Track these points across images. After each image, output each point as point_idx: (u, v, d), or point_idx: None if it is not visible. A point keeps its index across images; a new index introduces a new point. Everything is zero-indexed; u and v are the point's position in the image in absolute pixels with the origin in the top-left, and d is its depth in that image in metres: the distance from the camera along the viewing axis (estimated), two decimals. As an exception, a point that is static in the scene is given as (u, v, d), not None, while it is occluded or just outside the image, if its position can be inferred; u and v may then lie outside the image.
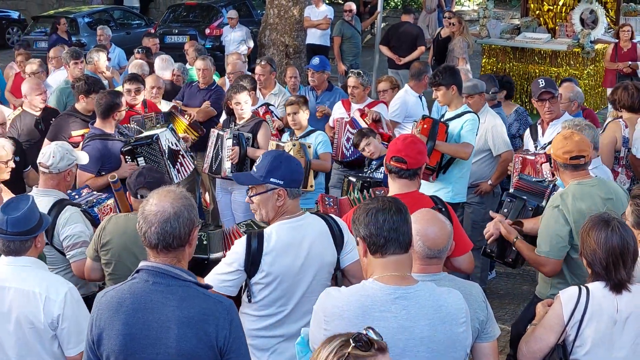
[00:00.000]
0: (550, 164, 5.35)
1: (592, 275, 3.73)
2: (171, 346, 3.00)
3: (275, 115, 7.90)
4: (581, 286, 3.72)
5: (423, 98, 8.24)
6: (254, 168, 3.98)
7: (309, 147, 6.97)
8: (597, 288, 3.67)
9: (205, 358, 3.03)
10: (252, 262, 3.81)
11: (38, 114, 7.62)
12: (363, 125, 7.54)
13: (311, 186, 6.86)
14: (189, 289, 3.07)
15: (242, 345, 3.12)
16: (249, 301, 3.89)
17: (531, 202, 5.10)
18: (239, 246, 3.87)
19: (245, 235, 3.92)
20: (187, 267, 3.20)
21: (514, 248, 4.89)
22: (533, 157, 5.85)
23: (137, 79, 7.87)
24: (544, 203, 5.04)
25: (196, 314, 3.02)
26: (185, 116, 7.99)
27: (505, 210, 5.14)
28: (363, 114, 7.67)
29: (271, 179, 3.87)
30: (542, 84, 6.51)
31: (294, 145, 6.85)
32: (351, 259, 3.96)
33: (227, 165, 7.02)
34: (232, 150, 6.98)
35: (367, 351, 2.38)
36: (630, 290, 3.66)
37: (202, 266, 4.20)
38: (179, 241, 3.07)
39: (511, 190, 5.32)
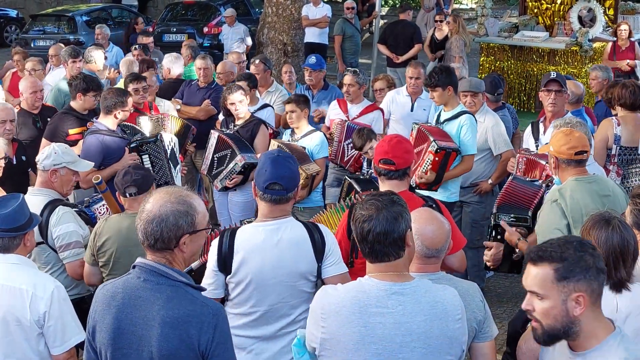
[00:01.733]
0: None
1: None
2: (153, 345, 2.99)
3: (267, 125, 7.66)
4: None
5: (419, 101, 8.15)
6: None
7: (317, 174, 6.94)
8: None
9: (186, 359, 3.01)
10: (225, 260, 3.84)
11: (36, 112, 7.62)
12: None
13: None
14: (178, 289, 3.04)
15: (226, 350, 3.06)
16: (228, 298, 3.93)
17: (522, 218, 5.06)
18: (213, 247, 3.91)
19: (219, 235, 3.95)
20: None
21: (517, 250, 4.85)
22: (544, 163, 5.74)
23: (141, 77, 7.87)
24: (529, 213, 5.02)
25: (180, 315, 2.99)
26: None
27: (499, 237, 5.05)
28: None
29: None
30: (553, 75, 6.55)
31: (306, 178, 6.73)
32: (332, 272, 3.91)
33: (222, 183, 7.07)
34: (234, 178, 6.99)
35: None
36: (630, 289, 3.66)
37: (194, 278, 4.24)
38: (162, 244, 3.04)
39: (494, 211, 5.20)
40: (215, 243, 3.91)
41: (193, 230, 3.08)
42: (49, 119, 7.41)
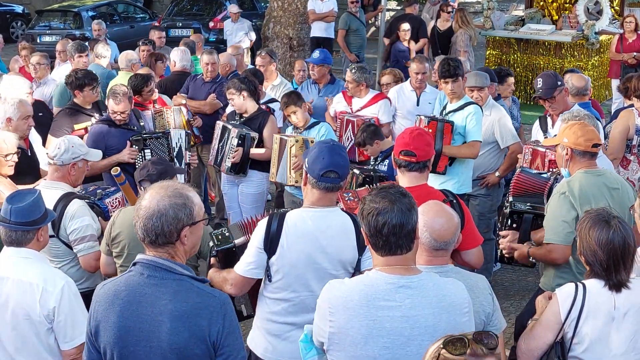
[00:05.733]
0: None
1: (590, 273, 3.71)
2: (163, 340, 2.99)
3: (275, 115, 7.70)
4: (577, 283, 3.70)
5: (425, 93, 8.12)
6: None
7: (312, 142, 6.92)
8: (594, 285, 3.66)
9: (197, 352, 3.01)
10: (271, 241, 3.86)
11: None
12: None
13: (296, 181, 6.81)
14: (183, 282, 3.05)
15: (236, 340, 3.08)
16: (269, 281, 3.93)
17: (539, 207, 4.98)
18: (260, 226, 3.93)
19: (268, 216, 3.97)
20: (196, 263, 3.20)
21: (531, 259, 4.85)
22: (544, 150, 5.77)
23: (148, 77, 7.86)
24: (544, 199, 5.00)
25: (189, 308, 3.00)
26: (194, 119, 8.11)
27: (515, 225, 5.02)
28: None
29: (305, 159, 3.99)
30: (539, 84, 6.50)
31: (296, 142, 6.79)
32: (371, 265, 3.94)
33: (227, 163, 7.08)
34: (236, 151, 6.99)
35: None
36: (629, 287, 3.65)
37: (232, 255, 4.22)
38: (164, 238, 3.04)
39: (510, 199, 5.12)
40: (263, 222, 3.93)
41: (192, 222, 3.09)
42: (40, 114, 7.42)
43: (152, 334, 3.01)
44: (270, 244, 3.86)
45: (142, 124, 6.81)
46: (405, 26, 12.48)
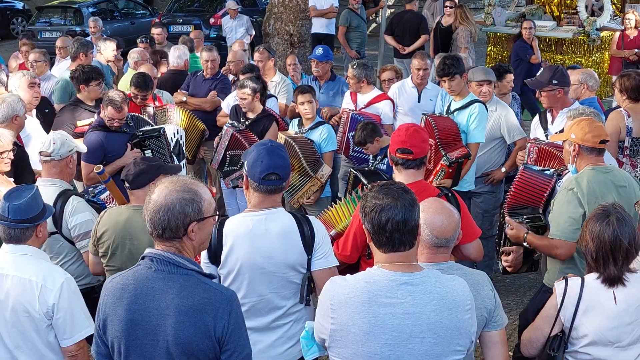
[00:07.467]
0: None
1: (586, 265, 3.74)
2: (169, 334, 3.00)
3: (277, 122, 7.59)
4: (577, 278, 3.72)
5: (425, 90, 8.10)
6: None
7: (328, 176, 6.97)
8: (593, 280, 3.67)
9: (203, 347, 3.02)
10: (215, 251, 3.87)
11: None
12: None
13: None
14: (190, 277, 3.06)
15: (241, 335, 3.09)
16: None
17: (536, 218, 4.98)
18: None
19: None
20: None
21: (525, 244, 4.83)
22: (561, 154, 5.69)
23: (142, 86, 7.79)
24: (540, 210, 4.99)
25: (195, 303, 3.01)
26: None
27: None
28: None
29: (245, 161, 3.94)
30: (538, 73, 6.50)
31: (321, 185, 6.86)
32: (320, 265, 3.92)
33: (234, 182, 7.13)
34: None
35: None
36: (625, 284, 3.64)
37: None
38: (171, 233, 3.05)
39: (506, 216, 5.09)
40: None
41: (200, 217, 3.09)
42: (46, 110, 7.41)
43: (158, 327, 3.02)
44: (215, 255, 3.87)
45: (131, 124, 6.76)
46: (528, 24, 12.27)
